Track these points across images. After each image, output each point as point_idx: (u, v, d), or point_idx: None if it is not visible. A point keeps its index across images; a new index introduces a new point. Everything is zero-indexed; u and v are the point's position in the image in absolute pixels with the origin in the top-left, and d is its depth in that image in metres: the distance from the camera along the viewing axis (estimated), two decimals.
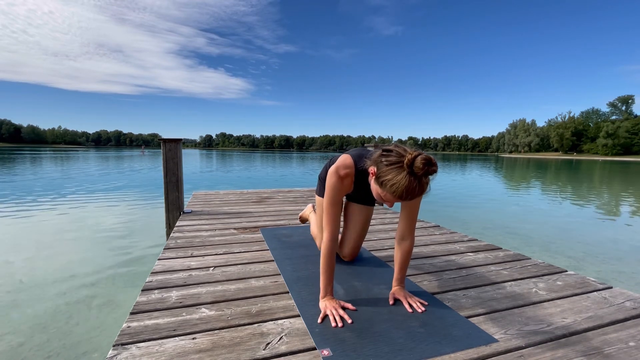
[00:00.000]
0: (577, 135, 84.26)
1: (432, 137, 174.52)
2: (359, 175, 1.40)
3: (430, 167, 1.02)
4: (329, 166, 1.70)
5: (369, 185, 1.34)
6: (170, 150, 3.04)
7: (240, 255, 1.90)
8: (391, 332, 1.11)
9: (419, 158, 1.01)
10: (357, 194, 1.66)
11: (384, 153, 1.11)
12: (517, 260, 1.86)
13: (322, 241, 1.31)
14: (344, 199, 1.79)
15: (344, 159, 1.39)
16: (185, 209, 3.17)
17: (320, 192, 1.73)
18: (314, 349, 1.02)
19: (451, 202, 8.08)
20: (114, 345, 1.01)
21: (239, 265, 1.72)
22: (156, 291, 1.40)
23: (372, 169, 1.15)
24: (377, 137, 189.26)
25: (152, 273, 1.59)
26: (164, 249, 1.97)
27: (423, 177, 1.04)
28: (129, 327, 1.12)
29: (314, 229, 1.98)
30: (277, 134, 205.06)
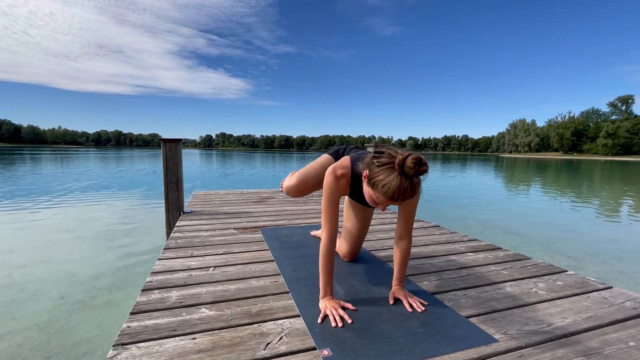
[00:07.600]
0: (577, 135, 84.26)
1: (432, 137, 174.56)
2: (356, 177, 1.40)
3: (421, 167, 1.03)
4: (336, 154, 1.67)
5: None
6: (170, 150, 3.04)
7: (240, 255, 1.90)
8: (391, 332, 1.11)
9: (409, 158, 1.02)
10: (357, 194, 1.66)
11: (376, 155, 1.12)
12: (517, 260, 1.86)
13: (321, 241, 1.31)
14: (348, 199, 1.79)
15: (343, 160, 1.41)
16: (185, 209, 3.17)
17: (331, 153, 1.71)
18: (314, 349, 1.02)
19: (451, 202, 8.08)
20: (114, 345, 1.01)
21: (239, 265, 1.72)
22: (156, 291, 1.40)
23: (364, 172, 1.16)
24: (377, 137, 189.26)
25: (152, 273, 1.59)
26: (164, 249, 1.97)
27: (414, 177, 1.05)
28: (129, 327, 1.12)
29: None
30: (277, 134, 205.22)
